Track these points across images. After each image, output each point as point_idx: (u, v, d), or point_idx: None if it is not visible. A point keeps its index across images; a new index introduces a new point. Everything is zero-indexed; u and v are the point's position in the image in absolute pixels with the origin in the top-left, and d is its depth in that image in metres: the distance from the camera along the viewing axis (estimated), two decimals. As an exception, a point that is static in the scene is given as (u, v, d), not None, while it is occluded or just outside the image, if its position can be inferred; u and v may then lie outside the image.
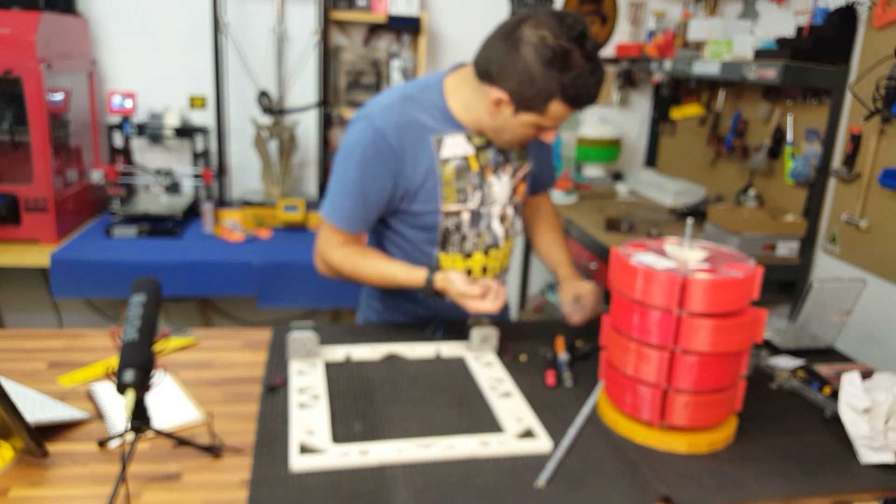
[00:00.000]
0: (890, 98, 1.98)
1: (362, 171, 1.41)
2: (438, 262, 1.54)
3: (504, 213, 1.56)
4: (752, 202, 2.60)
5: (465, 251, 1.54)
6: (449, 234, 1.51)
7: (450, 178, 1.45)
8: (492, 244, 1.56)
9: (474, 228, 1.52)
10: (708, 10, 3.03)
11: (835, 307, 1.60)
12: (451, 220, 1.49)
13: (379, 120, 1.40)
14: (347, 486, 1.00)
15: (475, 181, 1.49)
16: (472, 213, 1.50)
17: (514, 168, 1.55)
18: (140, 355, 0.97)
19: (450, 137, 1.44)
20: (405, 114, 1.42)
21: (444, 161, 1.44)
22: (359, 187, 1.42)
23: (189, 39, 2.93)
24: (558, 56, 1.26)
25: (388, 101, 1.44)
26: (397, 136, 1.40)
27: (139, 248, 2.49)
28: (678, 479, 1.06)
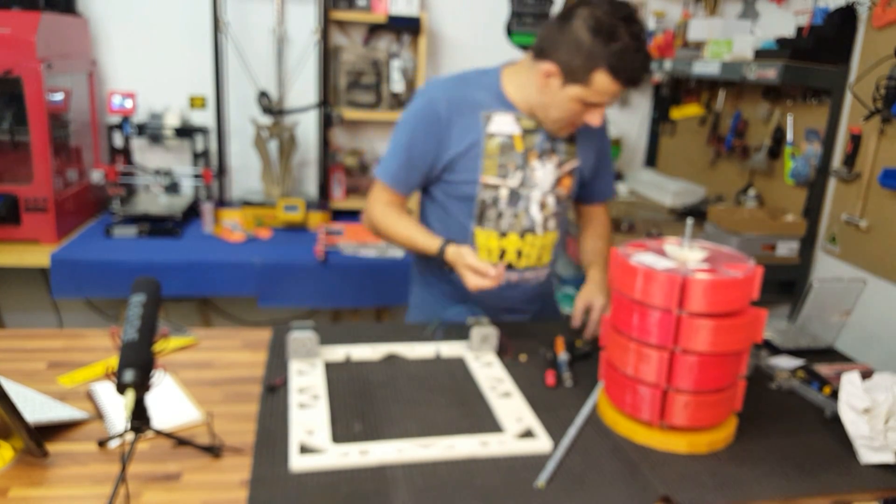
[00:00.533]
0: (890, 98, 1.98)
1: (411, 137, 1.54)
2: (474, 236, 1.59)
3: (544, 200, 1.59)
4: (752, 202, 2.60)
5: (501, 229, 1.58)
6: (486, 207, 1.57)
7: (493, 151, 1.53)
8: (528, 228, 1.59)
9: (512, 208, 1.57)
10: (708, 10, 3.03)
11: (835, 307, 1.60)
12: (488, 193, 1.55)
13: (433, 92, 1.54)
14: (347, 486, 1.00)
15: (518, 161, 1.55)
16: (511, 191, 1.56)
17: (559, 160, 1.58)
18: (140, 355, 0.97)
19: (499, 115, 1.53)
20: (459, 90, 1.54)
21: (490, 135, 1.53)
22: (406, 150, 1.55)
23: (189, 39, 2.93)
24: (605, 28, 1.34)
25: (446, 79, 1.58)
26: (447, 108, 1.51)
27: (139, 248, 2.49)
28: (678, 479, 1.06)
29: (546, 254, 1.66)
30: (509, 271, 1.61)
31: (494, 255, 1.60)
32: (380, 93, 2.99)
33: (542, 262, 1.66)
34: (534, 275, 1.66)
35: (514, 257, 1.61)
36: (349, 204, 3.04)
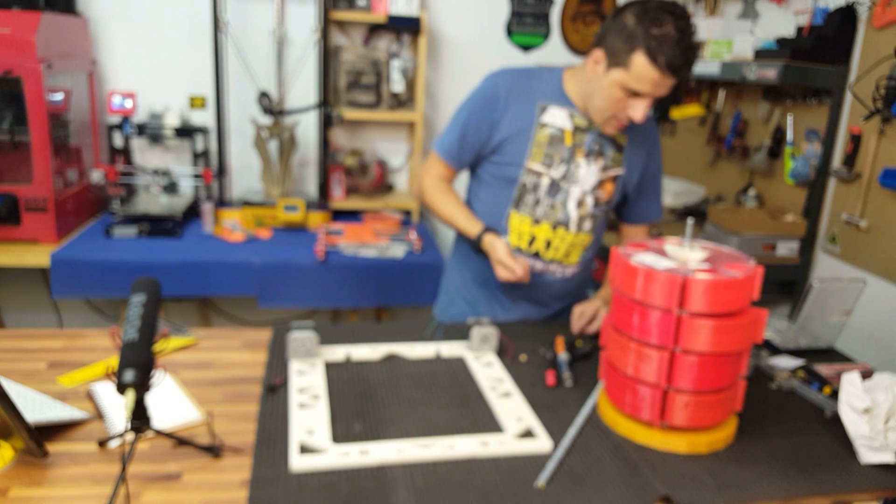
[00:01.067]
0: (890, 98, 1.98)
1: (468, 115, 1.62)
2: (509, 218, 1.64)
3: (583, 198, 1.62)
4: (752, 202, 2.60)
5: (536, 217, 1.62)
6: (525, 192, 1.61)
7: (542, 140, 1.58)
8: (562, 222, 1.62)
9: (550, 198, 1.61)
10: (708, 10, 3.03)
11: (835, 307, 1.60)
12: (530, 179, 1.60)
13: (498, 77, 1.62)
14: (347, 486, 1.00)
15: (564, 154, 1.59)
16: (553, 181, 1.60)
17: (605, 164, 1.61)
18: (140, 355, 0.97)
19: (554, 108, 1.59)
20: (521, 80, 1.61)
21: (542, 125, 1.58)
22: (462, 127, 1.63)
23: (189, 39, 2.93)
24: (651, 14, 1.39)
25: (512, 68, 1.65)
26: (507, 93, 1.59)
27: (139, 248, 2.49)
28: (678, 479, 1.06)
29: (575, 253, 1.67)
30: (535, 259, 1.65)
31: (525, 239, 1.64)
32: (380, 93, 2.99)
33: (569, 259, 1.67)
34: (559, 269, 1.68)
35: (542, 246, 1.64)
36: (349, 204, 3.05)
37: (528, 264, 1.56)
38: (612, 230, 2.57)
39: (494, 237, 1.58)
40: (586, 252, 1.70)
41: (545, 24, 3.23)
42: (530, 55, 3.26)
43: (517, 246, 1.64)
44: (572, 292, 1.76)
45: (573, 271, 1.70)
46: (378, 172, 3.11)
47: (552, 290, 1.71)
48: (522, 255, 1.64)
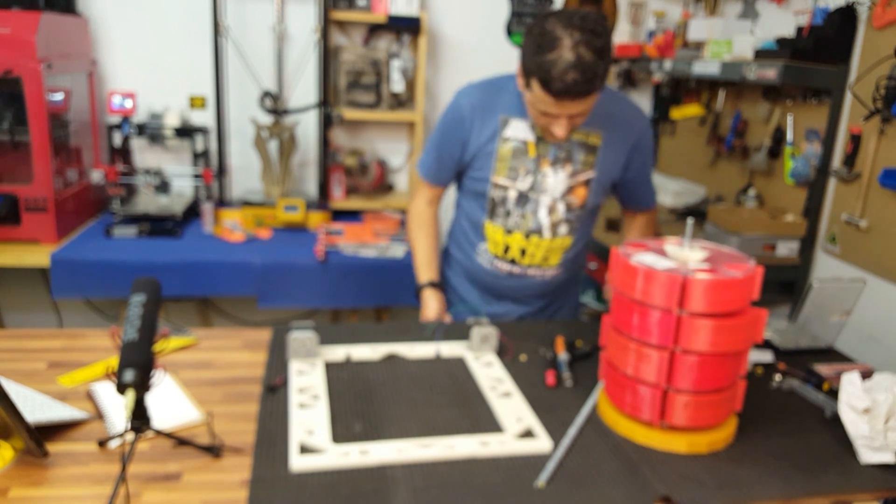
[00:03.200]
0: (890, 98, 1.98)
1: (440, 136, 1.69)
2: (484, 228, 1.69)
3: (553, 206, 1.63)
4: (752, 202, 2.59)
5: (508, 227, 1.66)
6: (496, 204, 1.66)
7: (505, 154, 1.61)
8: (534, 230, 1.65)
9: (520, 208, 1.64)
10: (708, 10, 3.03)
11: (835, 307, 1.60)
12: (498, 192, 1.64)
13: (462, 96, 1.66)
14: (347, 486, 1.00)
15: (529, 166, 1.61)
16: (520, 193, 1.63)
17: (574, 169, 1.61)
18: (140, 355, 0.97)
19: (516, 121, 1.60)
20: (485, 95, 1.63)
21: (505, 139, 1.61)
22: (436, 148, 1.70)
23: (189, 39, 2.92)
24: (547, 38, 1.35)
25: (476, 84, 1.68)
26: (471, 111, 1.62)
27: (139, 248, 2.49)
28: (678, 479, 1.06)
29: (553, 256, 1.69)
30: (512, 265, 1.69)
31: (500, 247, 1.69)
32: (380, 93, 2.99)
33: (548, 262, 1.70)
34: (538, 272, 1.70)
35: (517, 254, 1.68)
36: (349, 204, 3.04)
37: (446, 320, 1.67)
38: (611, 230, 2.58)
39: (431, 294, 1.71)
40: (567, 253, 1.71)
41: (545, 24, 3.22)
42: (530, 55, 3.26)
43: (494, 253, 1.69)
44: (555, 291, 1.79)
45: (554, 273, 1.72)
46: (378, 172, 3.11)
47: (533, 291, 1.75)
48: (500, 261, 1.70)
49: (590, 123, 1.57)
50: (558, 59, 1.33)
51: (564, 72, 1.33)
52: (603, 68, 1.36)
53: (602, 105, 1.56)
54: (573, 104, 1.39)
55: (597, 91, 1.39)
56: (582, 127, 1.57)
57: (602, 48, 1.34)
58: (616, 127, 1.60)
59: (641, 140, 1.66)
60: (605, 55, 1.35)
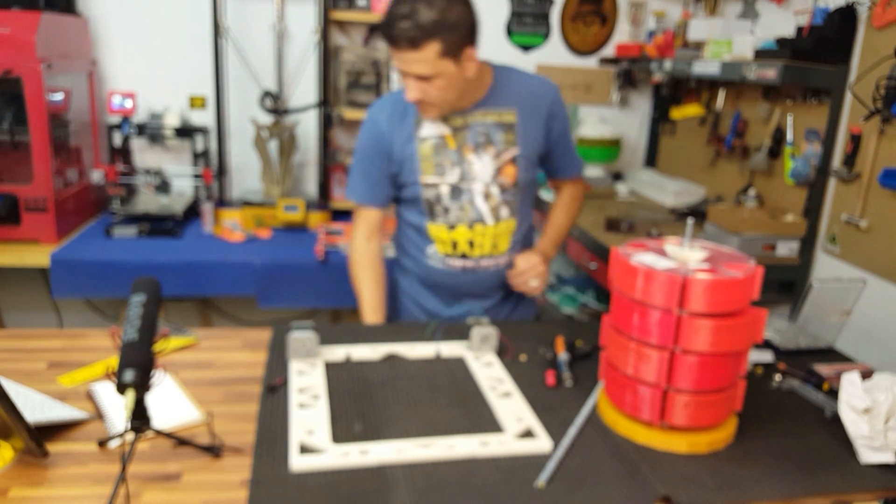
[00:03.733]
0: (890, 98, 1.98)
1: (365, 152, 1.69)
2: (428, 231, 1.70)
3: (488, 191, 1.65)
4: (752, 202, 2.59)
5: (450, 223, 1.67)
6: (432, 204, 1.67)
7: (427, 153, 1.63)
8: (476, 219, 1.66)
9: (456, 201, 1.65)
10: (708, 10, 3.03)
11: (835, 307, 1.60)
12: (430, 192, 1.65)
13: (374, 110, 1.69)
14: (347, 486, 1.00)
15: (453, 158, 1.63)
16: (452, 187, 1.64)
17: (497, 150, 1.64)
18: (140, 355, 0.97)
19: (429, 120, 1.62)
20: (395, 102, 1.66)
21: (422, 139, 1.63)
22: (363, 165, 1.70)
23: (189, 39, 2.92)
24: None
25: (387, 95, 1.72)
26: (387, 121, 1.65)
27: (139, 248, 2.49)
28: (678, 479, 1.06)
29: (502, 242, 1.71)
30: (465, 260, 1.69)
31: (448, 245, 1.69)
32: (380, 93, 2.99)
33: (498, 250, 1.71)
34: (491, 262, 1.71)
35: (466, 247, 1.69)
36: (349, 204, 3.02)
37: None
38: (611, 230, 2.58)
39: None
40: (515, 236, 1.73)
41: (545, 24, 3.23)
42: (530, 55, 3.27)
43: (444, 252, 1.70)
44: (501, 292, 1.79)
45: (507, 260, 1.73)
46: (378, 172, 3.11)
47: (489, 283, 1.75)
48: (451, 258, 1.69)
49: (501, 103, 1.64)
50: (397, 8, 1.43)
51: (398, 19, 1.42)
52: (437, 25, 1.42)
53: (507, 84, 1.65)
54: (408, 56, 1.45)
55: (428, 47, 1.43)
56: (493, 107, 1.63)
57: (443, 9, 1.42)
58: (527, 101, 1.65)
59: (554, 107, 1.68)
60: (448, 17, 1.43)
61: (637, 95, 3.44)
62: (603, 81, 3.37)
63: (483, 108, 1.63)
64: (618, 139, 3.26)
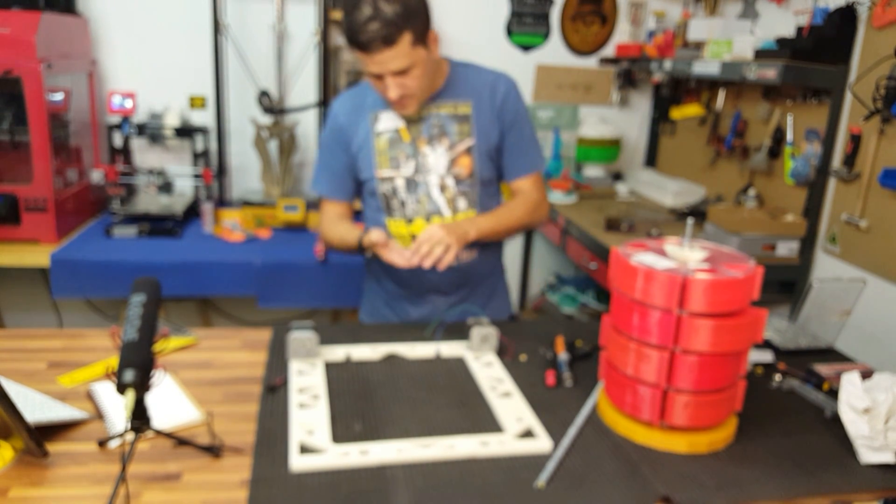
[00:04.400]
0: (890, 98, 1.98)
1: (326, 146, 1.71)
2: (387, 227, 1.68)
3: (443, 183, 1.64)
4: (752, 202, 2.60)
5: (407, 216, 1.66)
6: (388, 198, 1.66)
7: (382, 147, 1.64)
8: (433, 211, 1.65)
9: (412, 195, 1.65)
10: (708, 10, 3.03)
11: (835, 307, 1.60)
12: (386, 186, 1.65)
13: (335, 105, 1.70)
14: (347, 486, 1.00)
15: (408, 151, 1.63)
16: (407, 179, 1.64)
17: (451, 141, 1.63)
18: (140, 355, 0.97)
19: (384, 113, 1.64)
20: (355, 97, 1.68)
21: (378, 134, 1.64)
22: (325, 159, 1.72)
23: (189, 39, 2.92)
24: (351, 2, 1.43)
25: (347, 91, 1.73)
26: (345, 115, 1.67)
27: (139, 248, 2.49)
28: (678, 479, 1.06)
29: None
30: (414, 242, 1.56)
31: (407, 240, 1.67)
32: (380, 93, 2.99)
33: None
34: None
35: None
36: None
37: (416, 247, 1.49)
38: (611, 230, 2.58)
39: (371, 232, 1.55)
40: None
41: (545, 24, 3.23)
42: (530, 55, 3.26)
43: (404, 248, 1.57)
44: (476, 274, 1.73)
45: (469, 255, 1.68)
46: (378, 172, 3.11)
47: (452, 278, 1.69)
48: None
49: (456, 95, 1.63)
50: (359, 15, 1.41)
51: (364, 23, 1.41)
52: (404, 16, 1.41)
53: (463, 77, 1.65)
54: (384, 56, 1.44)
55: (402, 39, 1.43)
56: (448, 99, 1.63)
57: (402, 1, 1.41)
58: (482, 92, 1.64)
59: (508, 98, 1.65)
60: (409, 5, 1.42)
61: (637, 95, 3.44)
62: (603, 81, 3.37)
63: (438, 100, 1.62)
64: (618, 139, 3.26)
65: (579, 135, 3.24)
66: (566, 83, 3.32)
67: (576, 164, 3.34)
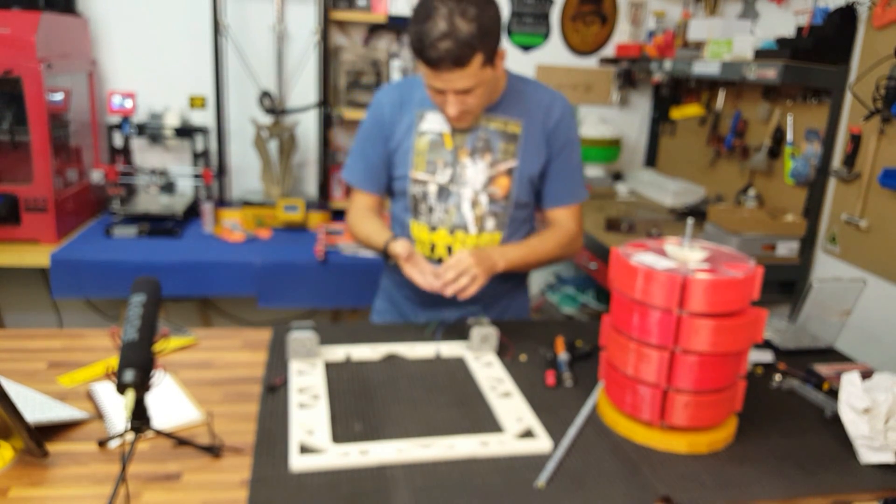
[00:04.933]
0: (890, 98, 1.98)
1: (365, 135, 1.65)
2: (410, 228, 1.64)
3: (476, 199, 1.57)
4: (752, 202, 2.60)
5: (432, 224, 1.60)
6: (417, 201, 1.61)
7: (422, 148, 1.58)
8: (459, 225, 1.59)
9: (442, 203, 1.59)
10: (708, 10, 3.03)
11: (835, 307, 1.60)
12: (418, 188, 1.59)
13: (381, 94, 1.64)
14: (347, 486, 1.00)
15: (447, 158, 1.57)
16: (440, 187, 1.58)
17: (494, 158, 1.56)
18: (140, 355, 0.97)
19: (431, 114, 1.57)
20: (403, 91, 1.61)
21: (421, 133, 1.58)
22: (362, 148, 1.65)
23: (189, 39, 2.92)
24: (424, 9, 1.36)
25: (395, 82, 1.69)
26: (391, 108, 1.60)
27: (139, 248, 2.49)
28: (678, 479, 1.06)
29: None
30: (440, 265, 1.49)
31: (426, 247, 1.62)
32: (380, 93, 2.99)
33: None
34: None
35: (444, 252, 1.60)
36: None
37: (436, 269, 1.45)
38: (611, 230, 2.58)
39: (397, 243, 1.49)
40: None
41: (545, 24, 3.23)
42: (530, 55, 3.26)
43: (422, 254, 1.56)
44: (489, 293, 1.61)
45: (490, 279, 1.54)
46: (378, 172, 3.11)
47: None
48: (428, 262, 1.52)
49: (509, 112, 1.56)
50: (432, 28, 1.33)
51: (437, 40, 1.33)
52: (479, 38, 1.34)
53: (520, 94, 1.57)
54: (452, 75, 1.37)
55: (474, 61, 1.36)
56: (500, 115, 1.55)
57: (478, 17, 1.33)
58: (535, 113, 1.56)
59: (561, 123, 1.58)
60: (484, 25, 1.34)
61: (637, 95, 3.44)
62: (603, 81, 3.37)
63: (490, 113, 1.55)
64: (618, 139, 3.26)
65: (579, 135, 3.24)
66: (566, 83, 3.32)
67: (576, 164, 3.34)
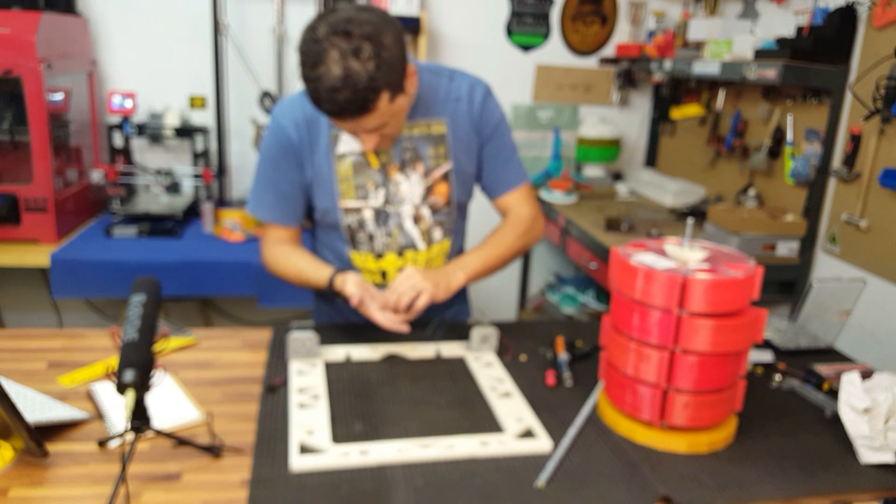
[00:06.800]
0: (890, 98, 1.98)
1: (271, 163, 1.44)
2: (351, 261, 1.50)
3: (418, 213, 1.46)
4: (752, 202, 2.60)
5: (376, 251, 1.48)
6: (354, 231, 1.46)
7: (346, 173, 1.42)
8: (406, 245, 1.48)
9: (382, 227, 1.46)
10: (708, 10, 3.03)
11: (835, 307, 1.60)
12: (351, 217, 1.45)
13: (280, 116, 1.42)
14: (347, 486, 1.00)
15: (377, 178, 1.43)
16: (377, 211, 1.44)
17: (426, 167, 1.44)
18: (140, 355, 0.97)
19: (347, 133, 1.38)
20: (306, 108, 1.40)
21: (340, 157, 1.42)
22: (270, 177, 1.45)
23: (189, 39, 2.92)
24: (310, 51, 1.16)
25: (292, 98, 1.44)
26: (296, 130, 1.40)
27: (139, 248, 2.49)
28: (678, 479, 1.06)
29: (435, 264, 1.52)
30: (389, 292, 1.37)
31: (376, 276, 1.50)
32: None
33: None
34: None
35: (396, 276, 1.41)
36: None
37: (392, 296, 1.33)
38: (611, 230, 2.58)
39: (345, 278, 1.35)
40: (449, 256, 1.54)
41: (545, 24, 3.23)
42: (530, 55, 3.26)
43: (372, 282, 1.47)
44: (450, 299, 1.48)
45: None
46: (378, 172, 3.11)
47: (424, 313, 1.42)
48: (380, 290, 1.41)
49: (429, 113, 1.41)
50: (325, 76, 1.14)
51: (334, 91, 1.15)
52: (381, 77, 1.16)
53: (435, 88, 1.42)
54: (359, 121, 1.22)
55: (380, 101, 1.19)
56: (421, 118, 1.41)
57: (375, 53, 1.15)
58: (457, 106, 1.43)
59: (485, 106, 1.46)
60: (384, 60, 1.16)
61: (637, 95, 3.44)
62: (603, 81, 3.37)
63: (411, 120, 1.40)
64: (618, 139, 3.26)
65: (579, 135, 3.24)
66: (566, 83, 3.32)
67: (576, 164, 3.34)
